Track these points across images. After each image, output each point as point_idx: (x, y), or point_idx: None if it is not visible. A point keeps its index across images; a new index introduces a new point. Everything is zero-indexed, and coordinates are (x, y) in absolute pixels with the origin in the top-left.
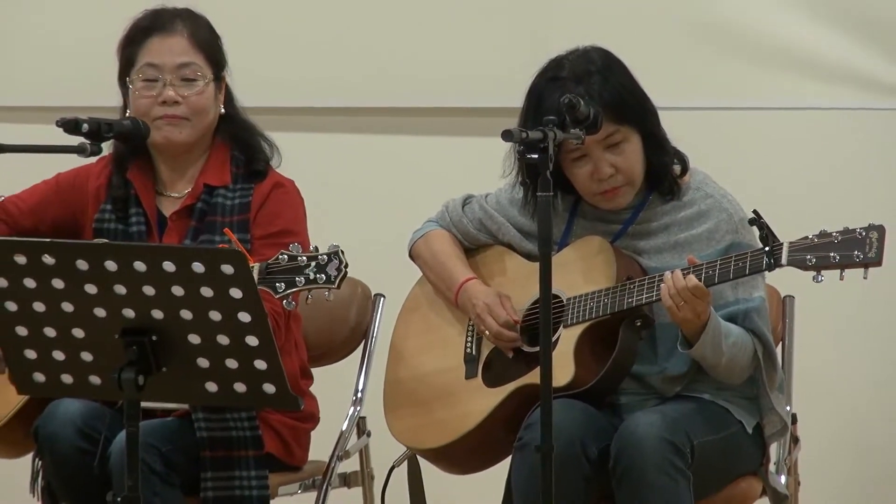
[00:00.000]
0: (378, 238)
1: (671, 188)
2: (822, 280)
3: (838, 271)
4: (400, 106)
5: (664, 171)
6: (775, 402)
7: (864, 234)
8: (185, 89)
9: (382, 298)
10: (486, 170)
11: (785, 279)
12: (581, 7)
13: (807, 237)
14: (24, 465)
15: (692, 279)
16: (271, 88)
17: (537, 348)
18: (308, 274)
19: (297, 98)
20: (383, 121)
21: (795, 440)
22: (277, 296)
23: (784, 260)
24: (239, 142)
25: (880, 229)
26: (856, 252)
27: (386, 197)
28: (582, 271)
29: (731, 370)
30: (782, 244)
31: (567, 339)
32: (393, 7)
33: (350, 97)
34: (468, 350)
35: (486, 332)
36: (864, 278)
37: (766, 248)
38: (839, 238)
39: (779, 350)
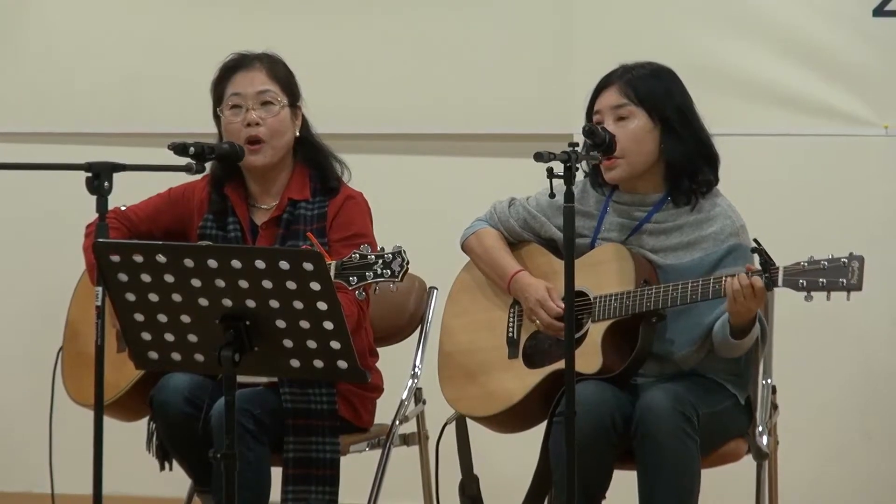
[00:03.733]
0: (432, 240)
1: (689, 197)
2: (812, 300)
3: (825, 293)
4: (448, 132)
5: (681, 169)
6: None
7: (847, 262)
8: (263, 112)
9: (436, 290)
10: (518, 185)
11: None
12: (600, 52)
13: (798, 263)
14: (140, 428)
15: (758, 281)
16: (344, 118)
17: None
18: (376, 269)
19: (369, 126)
20: (437, 144)
21: (775, 407)
22: (351, 288)
23: (780, 282)
24: (315, 163)
25: (860, 259)
26: (840, 279)
27: (438, 207)
28: (607, 273)
29: (746, 350)
30: (778, 269)
31: (595, 333)
32: (443, 54)
33: (410, 125)
34: (510, 334)
35: (538, 322)
36: (847, 300)
37: (766, 273)
38: (826, 265)
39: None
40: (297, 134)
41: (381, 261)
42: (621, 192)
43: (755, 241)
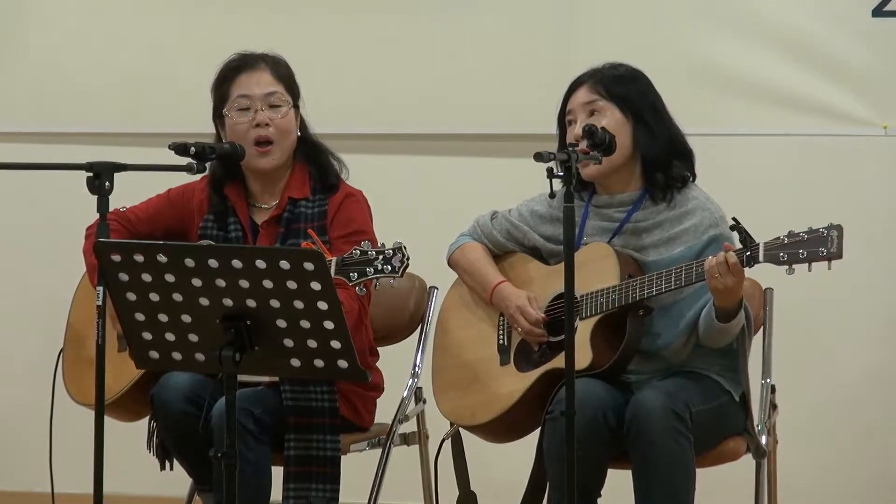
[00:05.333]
0: (432, 240)
1: (664, 193)
2: (793, 272)
3: (807, 264)
4: (448, 132)
5: (656, 163)
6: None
7: (825, 232)
8: (272, 113)
9: (436, 290)
10: (517, 185)
11: (766, 276)
12: (600, 52)
13: (778, 237)
14: (140, 428)
15: (731, 255)
16: (344, 118)
17: (559, 338)
18: (377, 265)
19: (369, 126)
20: (437, 144)
21: (774, 406)
22: (351, 283)
23: (761, 258)
24: (313, 161)
25: (839, 228)
26: (820, 248)
27: (438, 207)
28: (592, 272)
29: (731, 336)
30: (759, 244)
31: (583, 330)
32: (443, 55)
33: (410, 125)
34: (501, 342)
35: (519, 329)
36: (829, 269)
37: (746, 249)
38: (805, 237)
39: (760, 334)
40: (298, 133)
41: (381, 257)
42: (599, 194)
43: (734, 219)
